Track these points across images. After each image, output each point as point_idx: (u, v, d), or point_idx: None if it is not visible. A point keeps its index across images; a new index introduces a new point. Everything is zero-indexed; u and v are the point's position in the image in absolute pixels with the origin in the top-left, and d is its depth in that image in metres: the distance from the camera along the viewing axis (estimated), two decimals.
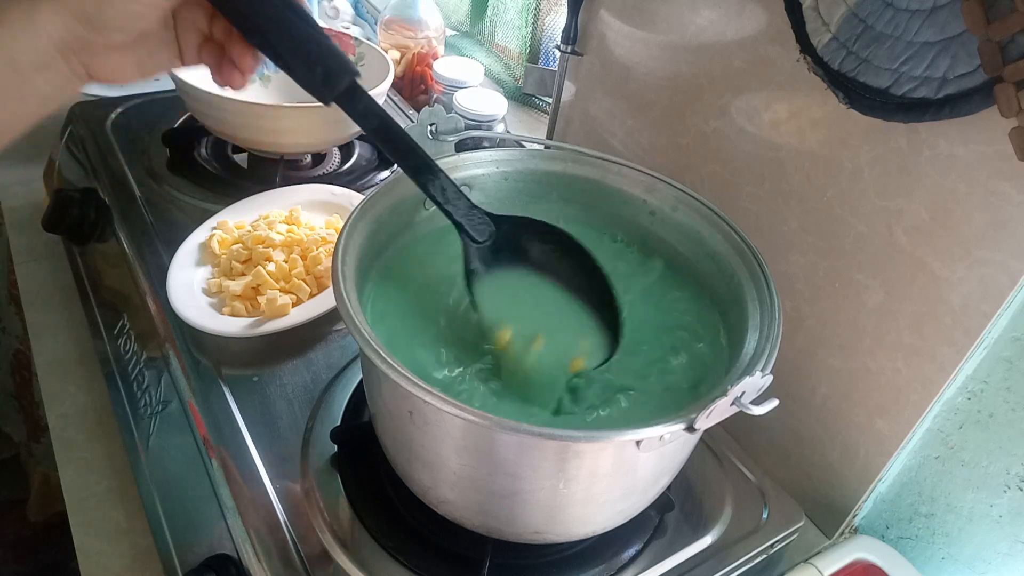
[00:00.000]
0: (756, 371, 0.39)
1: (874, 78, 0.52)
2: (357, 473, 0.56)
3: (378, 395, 0.48)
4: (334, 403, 0.61)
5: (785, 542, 0.59)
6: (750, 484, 0.61)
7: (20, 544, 1.37)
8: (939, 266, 0.52)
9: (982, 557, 0.58)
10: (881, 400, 0.58)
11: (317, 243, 0.71)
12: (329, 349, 0.66)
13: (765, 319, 0.47)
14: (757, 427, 0.67)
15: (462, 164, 0.57)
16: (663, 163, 0.75)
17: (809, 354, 0.63)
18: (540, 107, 1.15)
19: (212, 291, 0.68)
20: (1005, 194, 0.48)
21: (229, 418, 0.59)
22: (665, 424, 0.39)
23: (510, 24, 1.17)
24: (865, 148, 0.55)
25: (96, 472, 0.66)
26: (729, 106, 0.66)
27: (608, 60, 0.80)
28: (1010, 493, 0.55)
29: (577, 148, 0.59)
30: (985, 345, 0.52)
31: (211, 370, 0.63)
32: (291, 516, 0.53)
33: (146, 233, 0.76)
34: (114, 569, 0.59)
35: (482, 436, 0.42)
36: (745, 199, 0.66)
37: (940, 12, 0.47)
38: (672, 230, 0.57)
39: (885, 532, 0.64)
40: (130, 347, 0.71)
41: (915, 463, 0.60)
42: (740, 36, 0.63)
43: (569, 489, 0.44)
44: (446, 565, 0.52)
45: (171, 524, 0.58)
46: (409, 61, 1.12)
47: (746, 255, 0.51)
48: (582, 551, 0.54)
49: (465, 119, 0.74)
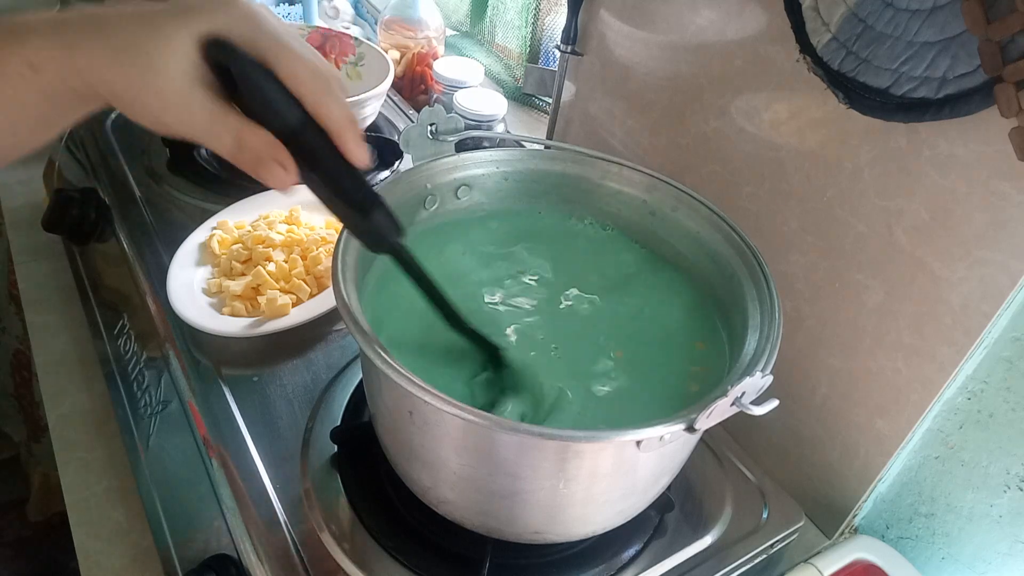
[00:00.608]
0: (756, 371, 0.39)
1: (874, 78, 0.52)
2: (357, 473, 0.56)
3: (378, 395, 0.48)
4: (334, 403, 0.61)
5: (785, 542, 0.59)
6: (750, 484, 0.61)
7: (20, 544, 1.37)
8: (939, 266, 0.52)
9: (982, 557, 0.58)
10: (881, 400, 0.58)
11: (317, 243, 0.71)
12: (329, 349, 0.66)
13: (765, 319, 0.47)
14: (757, 427, 0.67)
15: (462, 164, 0.57)
16: (663, 163, 0.75)
17: (809, 354, 0.63)
18: (540, 107, 1.15)
19: (212, 291, 0.68)
20: (1005, 194, 0.48)
21: (229, 418, 0.59)
22: (665, 424, 0.39)
23: (510, 24, 1.17)
24: (865, 148, 0.55)
25: (96, 472, 0.66)
26: (729, 106, 0.66)
27: (608, 60, 0.80)
28: (1010, 493, 0.55)
29: (577, 148, 0.59)
30: (985, 345, 0.52)
31: (211, 370, 0.63)
32: (291, 516, 0.53)
33: (146, 233, 0.76)
34: (114, 569, 0.59)
35: (482, 436, 0.42)
36: (745, 199, 0.66)
37: (940, 12, 0.47)
38: (672, 230, 0.57)
39: (885, 532, 0.64)
40: (130, 347, 0.71)
41: (915, 463, 0.60)
42: (740, 36, 0.63)
43: (569, 489, 0.44)
44: (446, 565, 0.52)
45: (171, 524, 0.58)
46: (409, 61, 1.12)
47: (746, 255, 0.51)
48: (582, 551, 0.54)
49: (465, 119, 0.74)
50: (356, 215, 0.42)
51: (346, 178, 0.40)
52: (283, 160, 0.38)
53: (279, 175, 0.38)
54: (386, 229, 0.43)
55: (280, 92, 0.37)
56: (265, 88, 0.36)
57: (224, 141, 0.37)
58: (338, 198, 0.41)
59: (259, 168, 0.38)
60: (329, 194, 0.41)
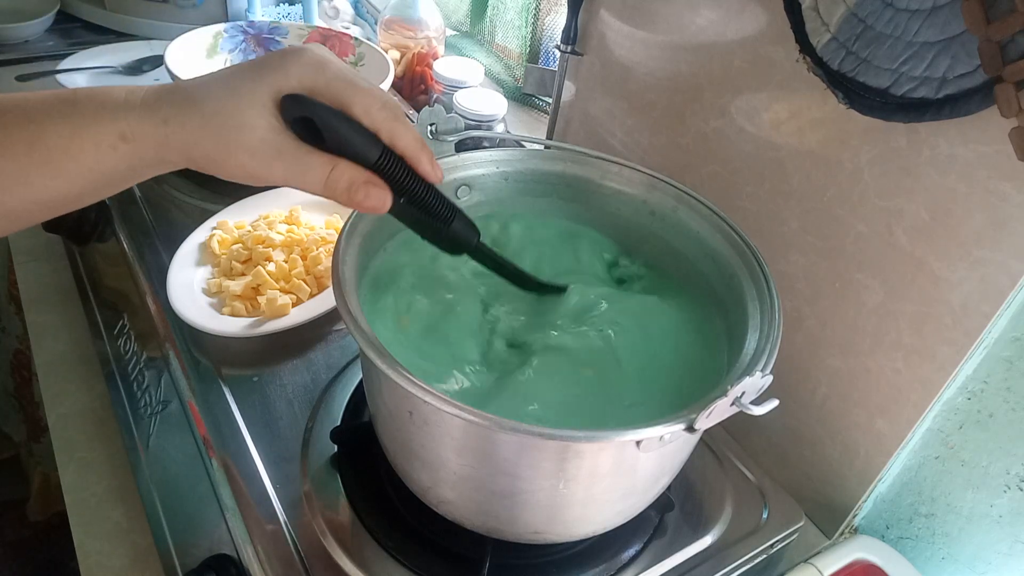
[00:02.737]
0: (756, 371, 0.39)
1: (874, 78, 0.52)
2: (357, 473, 0.56)
3: (378, 395, 0.48)
4: (334, 403, 0.61)
5: (785, 542, 0.59)
6: (750, 484, 0.61)
7: (20, 544, 1.37)
8: (939, 266, 0.52)
9: (982, 557, 0.58)
10: (881, 400, 0.58)
11: (317, 243, 0.71)
12: (329, 349, 0.66)
13: (765, 319, 0.47)
14: (757, 427, 0.67)
15: (462, 164, 0.57)
16: (663, 163, 0.75)
17: (809, 354, 0.63)
18: (540, 107, 1.15)
19: (212, 291, 0.68)
20: (1005, 194, 0.48)
21: (229, 418, 0.59)
22: (665, 424, 0.39)
23: (510, 24, 1.17)
24: (865, 148, 0.55)
25: (96, 472, 0.66)
26: (729, 106, 0.66)
27: (608, 60, 0.80)
28: (1010, 493, 0.55)
29: (577, 148, 0.59)
30: (985, 345, 0.52)
31: (211, 370, 0.63)
32: (291, 516, 0.53)
33: (146, 233, 0.76)
34: (114, 569, 0.59)
35: (482, 436, 0.42)
36: (745, 199, 0.66)
37: (940, 12, 0.47)
38: (672, 230, 0.57)
39: (885, 532, 0.64)
40: (130, 347, 0.71)
41: (915, 463, 0.60)
42: (740, 36, 0.63)
43: (569, 489, 0.44)
44: (446, 565, 0.52)
45: (171, 524, 0.58)
46: (409, 61, 1.12)
47: (746, 255, 0.51)
48: (582, 551, 0.54)
49: (465, 119, 0.74)
50: (442, 226, 0.46)
51: (428, 195, 0.44)
52: (376, 182, 0.41)
53: (376, 194, 0.41)
54: (467, 233, 0.48)
55: (358, 129, 0.40)
56: (343, 128, 0.39)
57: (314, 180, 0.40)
58: (425, 215, 0.45)
59: (354, 196, 0.40)
60: (416, 213, 0.45)
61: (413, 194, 0.43)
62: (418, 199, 0.44)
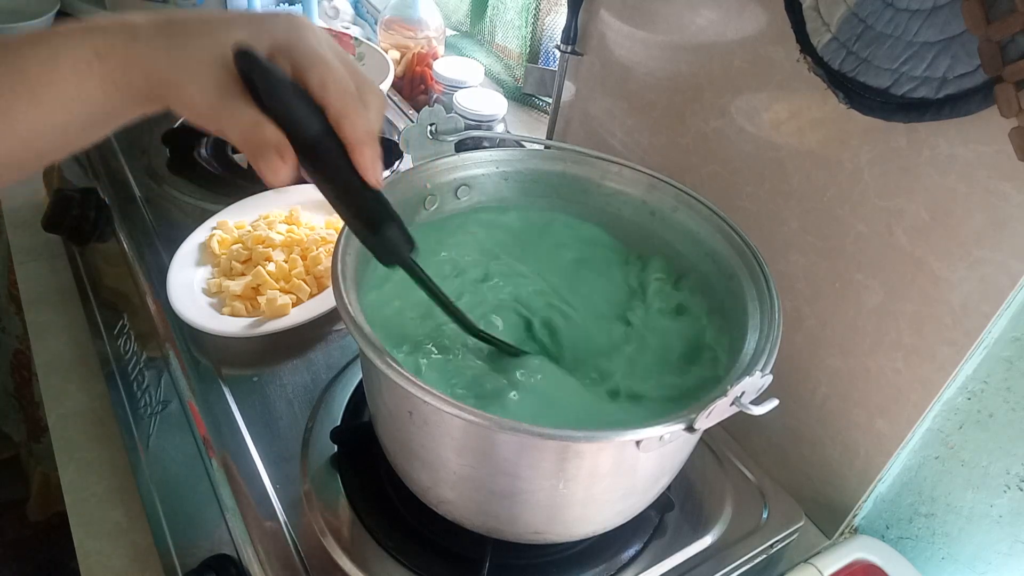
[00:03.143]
0: (756, 371, 0.39)
1: (874, 78, 0.52)
2: (357, 473, 0.56)
3: (378, 395, 0.48)
4: (334, 403, 0.61)
5: (785, 542, 0.59)
6: (750, 484, 0.61)
7: (20, 544, 1.37)
8: (939, 266, 0.52)
9: (982, 557, 0.58)
10: (881, 400, 0.58)
11: (317, 243, 0.71)
12: (329, 349, 0.66)
13: (765, 319, 0.47)
14: (757, 427, 0.67)
15: (462, 164, 0.57)
16: (663, 163, 0.75)
17: (809, 354, 0.63)
18: (540, 107, 1.15)
19: (212, 291, 0.68)
20: (1005, 194, 0.48)
21: (229, 418, 0.59)
22: (665, 424, 0.39)
23: (510, 24, 1.17)
24: (865, 148, 0.55)
25: (96, 472, 0.66)
26: (729, 106, 0.66)
27: (608, 60, 0.80)
28: (1010, 493, 0.55)
29: (577, 148, 0.59)
30: (985, 345, 0.52)
31: (211, 370, 0.63)
32: (291, 516, 0.53)
33: (146, 233, 0.76)
34: (114, 569, 0.59)
35: (482, 436, 0.42)
36: (745, 199, 0.66)
37: (940, 12, 0.47)
38: (672, 230, 0.57)
39: (885, 532, 0.64)
40: (130, 347, 0.71)
41: (915, 463, 0.60)
42: (740, 36, 0.63)
43: (569, 489, 0.44)
44: (446, 565, 0.52)
45: (171, 524, 0.58)
46: (409, 61, 1.12)
47: (746, 255, 0.51)
48: (582, 551, 0.54)
49: (465, 119, 0.74)
50: (366, 230, 0.42)
51: (358, 193, 0.40)
52: (283, 152, 0.38)
53: (275, 165, 0.38)
54: (397, 245, 0.43)
55: (301, 102, 0.38)
56: (284, 96, 0.38)
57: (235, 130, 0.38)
58: (350, 212, 0.42)
59: (258, 157, 0.38)
60: (341, 207, 0.42)
61: (342, 188, 0.40)
62: (346, 195, 0.41)
